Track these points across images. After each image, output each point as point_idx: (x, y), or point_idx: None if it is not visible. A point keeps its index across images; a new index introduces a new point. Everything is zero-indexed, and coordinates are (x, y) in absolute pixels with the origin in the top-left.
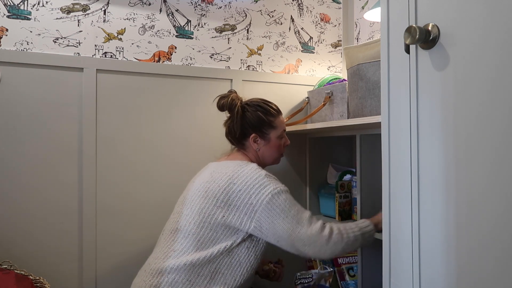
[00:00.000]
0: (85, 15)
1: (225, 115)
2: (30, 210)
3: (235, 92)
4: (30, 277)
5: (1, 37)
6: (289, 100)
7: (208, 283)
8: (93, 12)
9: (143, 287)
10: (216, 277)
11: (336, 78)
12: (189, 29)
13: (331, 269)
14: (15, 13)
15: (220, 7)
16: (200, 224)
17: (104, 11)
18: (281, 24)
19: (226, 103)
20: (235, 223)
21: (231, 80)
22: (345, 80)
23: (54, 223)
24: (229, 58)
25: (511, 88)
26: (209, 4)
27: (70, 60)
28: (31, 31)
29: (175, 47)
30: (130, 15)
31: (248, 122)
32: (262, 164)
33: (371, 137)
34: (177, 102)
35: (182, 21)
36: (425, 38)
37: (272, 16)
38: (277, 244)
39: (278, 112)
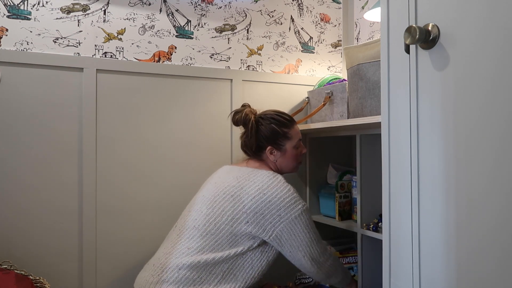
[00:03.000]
0: (85, 15)
1: (225, 118)
2: (30, 210)
3: (249, 106)
4: (30, 277)
5: (1, 37)
6: (289, 100)
7: (218, 282)
8: (93, 12)
9: (151, 281)
10: (227, 277)
11: (336, 78)
12: (189, 29)
13: None
14: (15, 13)
15: (220, 7)
16: (221, 226)
17: (104, 11)
18: (281, 24)
19: (241, 118)
20: (257, 231)
21: (231, 80)
22: (345, 80)
23: (54, 223)
24: (229, 58)
25: (511, 88)
26: (209, 4)
27: (70, 60)
28: (31, 31)
29: (175, 47)
30: (130, 15)
31: (263, 135)
32: (280, 173)
33: (371, 137)
34: (177, 102)
35: (182, 21)
36: (425, 38)
37: (272, 16)
38: (289, 256)
39: (292, 122)
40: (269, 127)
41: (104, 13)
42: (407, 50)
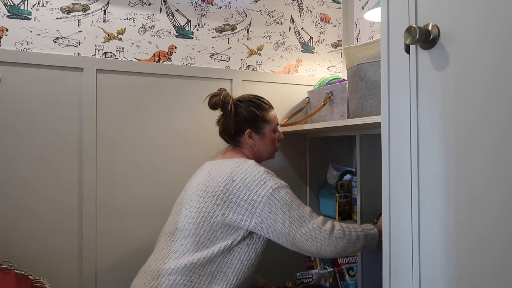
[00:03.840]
0: (85, 15)
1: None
2: (30, 209)
3: (226, 90)
4: (30, 277)
5: (1, 37)
6: (289, 100)
7: (209, 283)
8: (93, 12)
9: None
10: (218, 276)
11: (336, 78)
12: (189, 29)
13: (331, 269)
14: (15, 13)
15: (220, 7)
16: (200, 224)
17: (104, 11)
18: (281, 24)
19: (219, 101)
20: (235, 221)
21: (231, 80)
22: (345, 80)
23: (54, 222)
24: (229, 58)
25: (511, 88)
26: (209, 4)
27: (70, 60)
28: (31, 31)
29: (175, 47)
30: (130, 15)
31: (242, 118)
32: (258, 160)
33: (371, 137)
34: (177, 102)
35: (182, 21)
36: (425, 38)
37: (272, 16)
38: (278, 241)
39: (270, 106)
40: (248, 109)
41: (104, 13)
42: (407, 50)
